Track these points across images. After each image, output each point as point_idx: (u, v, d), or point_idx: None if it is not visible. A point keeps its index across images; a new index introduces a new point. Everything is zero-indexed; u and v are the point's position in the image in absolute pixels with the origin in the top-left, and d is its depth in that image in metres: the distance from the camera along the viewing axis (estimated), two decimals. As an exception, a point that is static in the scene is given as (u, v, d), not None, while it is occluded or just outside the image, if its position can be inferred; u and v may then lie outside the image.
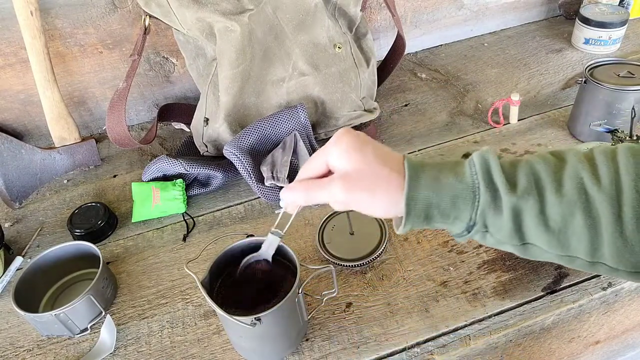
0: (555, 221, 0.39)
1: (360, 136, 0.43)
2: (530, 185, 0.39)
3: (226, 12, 0.73)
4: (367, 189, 0.41)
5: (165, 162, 0.78)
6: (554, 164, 0.41)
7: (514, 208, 0.39)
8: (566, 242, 0.40)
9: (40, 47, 0.81)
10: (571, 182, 0.39)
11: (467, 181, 0.40)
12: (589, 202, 0.38)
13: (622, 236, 0.37)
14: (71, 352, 0.62)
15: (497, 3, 1.17)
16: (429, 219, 0.42)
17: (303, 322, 0.57)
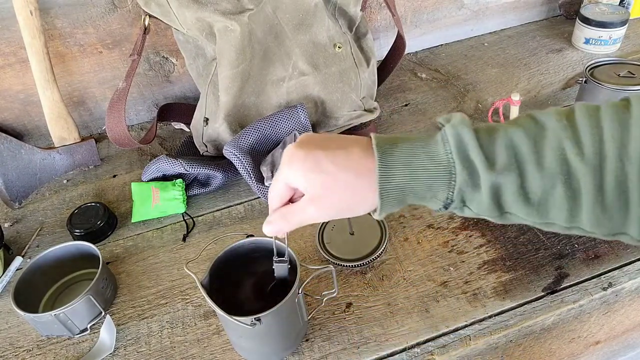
0: (535, 194, 0.38)
1: (309, 151, 0.41)
2: (510, 160, 0.38)
3: (226, 11, 0.73)
4: (340, 200, 0.41)
5: (165, 162, 0.78)
6: (534, 132, 0.38)
7: (493, 185, 0.38)
8: (545, 212, 0.39)
9: (39, 46, 0.81)
10: (552, 153, 0.37)
11: (441, 161, 0.39)
12: (570, 173, 0.37)
13: (602, 205, 0.37)
14: (71, 353, 0.62)
15: (497, 3, 1.17)
16: (404, 203, 0.41)
17: (303, 322, 0.57)
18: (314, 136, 0.43)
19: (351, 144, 0.41)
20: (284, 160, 0.41)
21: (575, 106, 0.39)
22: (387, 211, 0.41)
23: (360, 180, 0.40)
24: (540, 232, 0.69)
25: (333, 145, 0.41)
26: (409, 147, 0.39)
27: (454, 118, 0.40)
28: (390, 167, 0.39)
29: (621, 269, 0.63)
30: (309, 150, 0.41)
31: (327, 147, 0.41)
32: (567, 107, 0.40)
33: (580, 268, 0.63)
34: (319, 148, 0.41)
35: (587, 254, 0.65)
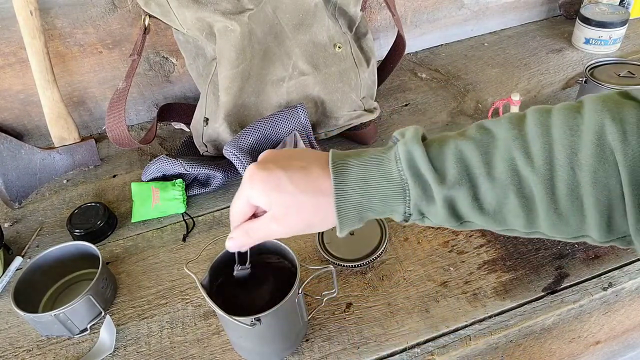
0: (489, 204, 0.39)
1: (271, 171, 0.41)
2: (461, 173, 0.38)
3: (226, 11, 0.73)
4: (302, 219, 0.42)
5: (165, 162, 0.78)
6: (484, 143, 0.39)
7: (446, 198, 0.39)
8: (502, 220, 0.39)
9: (39, 46, 0.81)
10: (503, 164, 0.38)
11: (394, 178, 0.39)
12: (522, 183, 0.37)
13: (557, 212, 0.37)
14: (71, 353, 0.62)
15: (498, 3, 1.17)
16: (364, 219, 0.42)
17: (303, 322, 0.57)
18: (277, 154, 0.44)
19: (311, 163, 0.42)
20: (246, 178, 0.42)
21: (528, 112, 0.40)
22: (348, 228, 0.42)
23: (319, 199, 0.41)
24: (541, 232, 0.68)
25: (295, 164, 0.42)
26: (364, 165, 0.40)
27: (407, 133, 0.41)
28: (346, 186, 0.40)
29: (621, 269, 0.63)
30: (270, 171, 0.41)
31: (288, 167, 0.42)
32: (521, 112, 0.40)
33: (581, 268, 0.63)
34: (280, 168, 0.41)
35: (587, 254, 0.65)
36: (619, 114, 0.35)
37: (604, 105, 0.36)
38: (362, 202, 0.40)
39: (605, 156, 0.35)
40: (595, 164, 0.35)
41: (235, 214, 0.44)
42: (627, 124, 0.34)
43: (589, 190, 0.35)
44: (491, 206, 0.39)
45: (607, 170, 0.35)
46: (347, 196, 0.40)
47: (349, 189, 0.40)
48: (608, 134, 0.35)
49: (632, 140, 0.34)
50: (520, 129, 0.38)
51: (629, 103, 0.36)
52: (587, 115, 0.36)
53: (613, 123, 0.34)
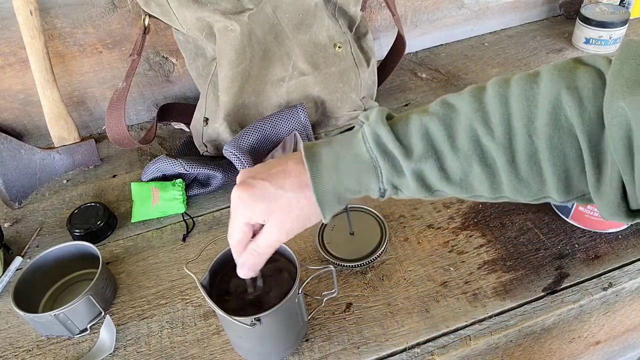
0: (455, 174, 0.41)
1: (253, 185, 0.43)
2: (426, 148, 0.41)
3: (226, 11, 0.73)
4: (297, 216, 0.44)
5: (165, 162, 0.78)
6: (447, 117, 0.41)
7: (414, 171, 0.41)
8: (470, 188, 0.42)
9: (39, 46, 0.81)
10: (465, 135, 0.40)
11: (365, 159, 0.42)
12: (484, 152, 0.40)
13: (518, 177, 0.40)
14: (71, 353, 0.62)
15: (498, 3, 1.17)
16: (343, 201, 0.44)
17: (303, 322, 0.57)
18: (253, 170, 0.45)
19: (288, 163, 0.45)
20: (235, 204, 0.44)
21: (488, 84, 0.42)
22: (330, 212, 0.44)
23: (305, 193, 0.43)
24: (541, 232, 0.68)
25: (273, 170, 0.44)
26: (334, 150, 0.43)
27: (371, 116, 0.43)
28: (321, 172, 0.42)
29: (621, 269, 0.63)
30: (253, 186, 0.43)
31: (268, 175, 0.44)
32: (482, 84, 0.42)
33: (581, 268, 0.63)
34: (261, 179, 0.44)
35: (587, 254, 0.65)
36: (574, 82, 0.37)
37: (560, 74, 0.38)
38: (338, 185, 0.43)
39: (560, 124, 0.37)
40: (551, 131, 0.37)
41: (237, 242, 0.46)
42: (582, 90, 0.37)
43: (546, 156, 0.38)
44: (457, 176, 0.41)
45: (562, 137, 0.37)
46: (324, 182, 0.42)
47: (324, 174, 0.42)
48: (564, 102, 0.37)
49: (588, 106, 0.36)
50: (481, 101, 0.41)
51: (583, 69, 0.38)
52: (544, 84, 0.38)
53: (568, 92, 0.37)
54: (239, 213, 0.44)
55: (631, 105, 0.33)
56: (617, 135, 0.34)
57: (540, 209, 0.72)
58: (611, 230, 0.67)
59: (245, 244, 0.46)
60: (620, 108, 0.34)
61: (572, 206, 0.67)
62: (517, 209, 0.72)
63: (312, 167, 0.42)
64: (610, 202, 0.37)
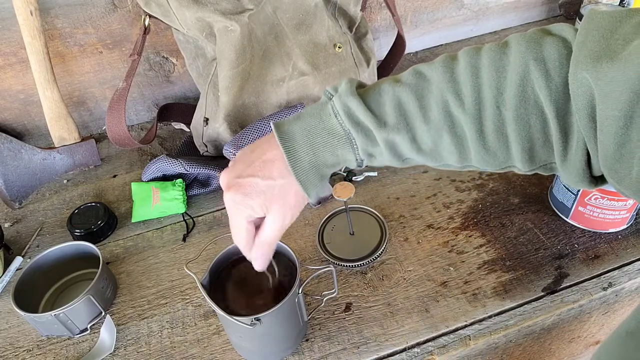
0: (426, 144, 0.42)
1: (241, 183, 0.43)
2: (399, 119, 0.41)
3: (226, 11, 0.73)
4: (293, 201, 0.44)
5: (165, 162, 0.78)
6: (420, 88, 0.42)
7: (387, 141, 0.42)
8: (439, 157, 0.43)
9: (39, 47, 0.81)
10: (437, 106, 0.41)
11: (338, 132, 0.42)
12: (454, 123, 0.41)
13: (485, 147, 0.41)
14: (71, 353, 0.62)
15: (498, 3, 1.17)
16: (324, 176, 0.44)
17: (303, 322, 0.57)
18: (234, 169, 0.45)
19: (265, 150, 0.44)
20: (230, 206, 0.45)
21: (460, 54, 0.43)
22: (313, 189, 0.44)
23: (284, 179, 0.43)
24: (541, 232, 0.69)
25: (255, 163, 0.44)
26: (307, 127, 0.43)
27: (340, 87, 0.43)
28: (297, 153, 0.42)
29: (621, 269, 0.63)
30: (241, 185, 0.43)
31: (251, 167, 0.44)
32: (454, 54, 0.43)
33: (580, 268, 0.63)
34: (248, 175, 0.43)
35: (587, 254, 0.65)
36: (541, 53, 0.38)
37: (528, 45, 0.38)
38: (315, 160, 0.43)
39: (527, 95, 0.38)
40: (518, 102, 0.38)
41: (245, 243, 0.46)
42: (548, 61, 0.37)
43: (513, 127, 0.39)
44: (428, 146, 0.42)
45: (528, 108, 0.38)
46: (300, 159, 0.42)
47: (300, 153, 0.42)
48: (532, 73, 0.38)
49: (555, 76, 0.37)
50: (452, 71, 0.41)
51: (550, 39, 0.38)
52: (513, 56, 0.39)
53: (536, 63, 0.37)
54: (239, 215, 0.45)
55: (594, 77, 0.33)
56: (581, 105, 0.35)
57: (540, 209, 0.72)
58: (611, 230, 0.67)
59: (251, 241, 0.46)
60: (584, 79, 0.34)
61: (571, 206, 0.67)
62: (517, 209, 0.72)
63: (287, 148, 0.42)
64: (576, 169, 0.39)
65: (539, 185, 0.75)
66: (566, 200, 0.68)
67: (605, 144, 0.35)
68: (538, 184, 0.76)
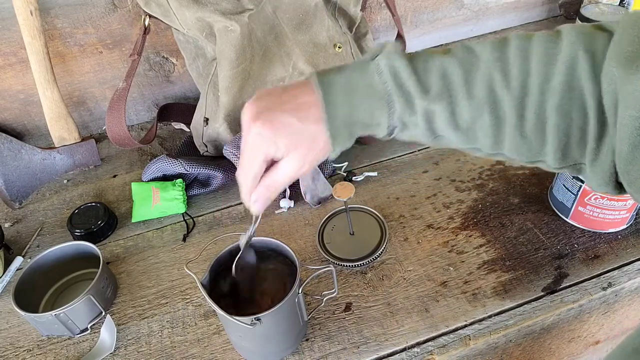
0: (464, 121, 0.41)
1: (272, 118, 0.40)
2: (442, 89, 0.40)
3: (226, 12, 0.73)
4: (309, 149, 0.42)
5: (165, 162, 0.78)
6: (468, 62, 0.40)
7: (426, 110, 0.40)
8: (473, 138, 0.42)
9: (39, 47, 0.81)
10: (482, 84, 0.40)
11: (379, 91, 0.40)
12: (496, 103, 0.40)
13: (522, 135, 0.40)
14: (71, 352, 0.62)
15: (498, 3, 1.17)
16: (353, 135, 0.42)
17: (303, 322, 0.57)
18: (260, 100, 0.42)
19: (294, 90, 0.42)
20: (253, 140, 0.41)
21: (511, 37, 0.41)
22: (340, 145, 0.42)
23: (317, 125, 0.41)
24: (540, 232, 0.69)
25: (289, 101, 0.41)
26: (349, 80, 0.41)
27: (387, 47, 0.42)
28: (334, 103, 0.40)
29: (621, 269, 0.63)
30: (273, 120, 0.40)
31: (286, 106, 0.41)
32: (504, 37, 0.42)
33: (580, 268, 0.64)
34: (280, 110, 0.41)
35: (587, 253, 0.65)
36: (591, 45, 0.37)
37: (578, 36, 0.38)
38: (350, 115, 0.41)
39: (572, 86, 0.37)
40: (563, 93, 0.38)
41: (253, 178, 0.43)
42: (597, 54, 0.37)
43: (553, 117, 0.38)
44: (465, 123, 0.41)
45: (572, 100, 0.38)
46: (336, 111, 0.41)
47: (337, 104, 0.41)
48: (579, 64, 0.37)
49: (600, 70, 0.36)
50: (503, 52, 0.40)
51: (600, 33, 0.38)
52: (564, 45, 0.38)
53: (585, 54, 0.37)
54: (260, 150, 0.41)
55: (621, 74, 0.34)
56: (609, 101, 0.35)
57: (540, 209, 0.72)
58: (610, 230, 0.67)
59: (257, 180, 0.43)
60: (613, 75, 0.34)
61: (571, 206, 0.67)
62: (517, 209, 0.72)
63: (326, 96, 0.40)
64: (604, 172, 0.38)
65: (539, 185, 0.75)
66: (566, 200, 0.68)
67: (620, 144, 0.34)
68: (538, 184, 0.76)
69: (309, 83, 0.42)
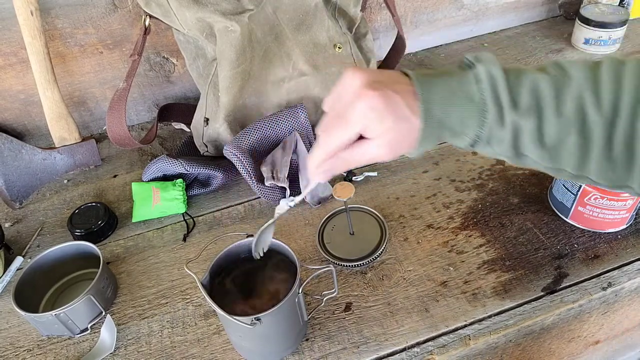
0: (551, 138, 0.40)
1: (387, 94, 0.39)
2: (532, 103, 0.40)
3: (226, 12, 0.73)
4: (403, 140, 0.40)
5: (166, 162, 0.78)
6: (559, 80, 0.40)
7: (514, 124, 0.40)
8: (557, 157, 0.41)
9: (40, 47, 0.81)
10: (572, 102, 0.39)
11: (476, 100, 0.40)
12: (585, 123, 0.39)
13: (609, 158, 0.39)
14: (71, 352, 0.62)
15: (497, 3, 1.17)
16: (438, 140, 0.42)
17: (303, 322, 0.57)
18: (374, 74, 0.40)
19: (397, 77, 0.41)
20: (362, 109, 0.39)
21: (604, 60, 0.41)
22: (424, 147, 0.42)
23: (416, 119, 0.40)
24: (540, 232, 0.69)
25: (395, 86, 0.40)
26: (447, 85, 0.40)
27: (483, 57, 0.41)
28: (431, 102, 0.40)
29: (621, 269, 0.63)
30: (389, 97, 0.39)
31: (393, 84, 0.40)
32: (597, 59, 0.41)
33: (580, 268, 0.64)
34: (393, 91, 0.39)
35: (587, 253, 0.65)
36: None
37: None
38: (442, 120, 0.40)
39: None
40: None
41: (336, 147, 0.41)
42: None
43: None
44: (551, 141, 0.40)
45: None
46: (432, 111, 0.40)
47: (434, 104, 0.40)
48: None
49: None
50: (595, 72, 0.40)
51: None
52: None
53: None
54: (362, 120, 0.39)
55: None
56: None
57: (540, 209, 0.72)
58: (610, 230, 0.67)
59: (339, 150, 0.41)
60: None
61: (571, 206, 0.67)
62: (517, 209, 0.72)
63: (424, 95, 0.40)
64: None
65: (539, 185, 0.75)
66: (566, 200, 0.68)
67: None
68: (538, 184, 0.76)
69: (405, 77, 0.41)
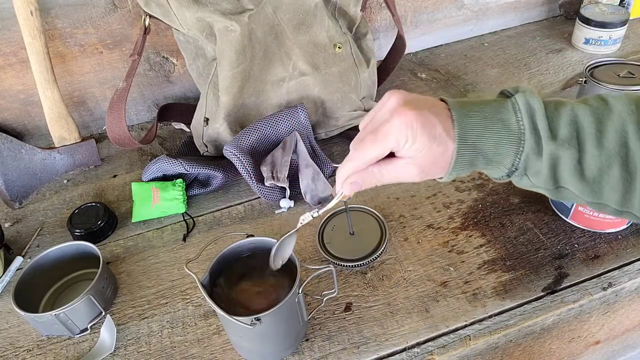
0: (591, 171, 0.39)
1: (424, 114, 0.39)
2: (571, 134, 0.39)
3: (226, 12, 0.73)
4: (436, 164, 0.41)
5: (165, 162, 0.78)
6: (600, 112, 0.39)
7: (552, 155, 0.39)
8: (599, 192, 0.40)
9: (40, 47, 0.81)
10: (614, 134, 0.38)
11: (512, 128, 0.40)
12: (628, 157, 0.38)
13: None
14: (71, 352, 0.62)
15: (498, 3, 1.17)
16: (471, 167, 0.41)
17: (303, 322, 0.57)
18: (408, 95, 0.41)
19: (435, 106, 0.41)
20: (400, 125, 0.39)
21: None
22: (456, 173, 0.41)
23: (450, 142, 0.40)
24: (541, 232, 0.69)
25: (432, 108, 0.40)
26: (483, 113, 0.40)
27: (521, 88, 0.41)
28: (467, 130, 0.40)
29: (621, 269, 0.63)
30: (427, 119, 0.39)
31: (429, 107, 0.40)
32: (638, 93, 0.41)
33: (580, 268, 0.63)
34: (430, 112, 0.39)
35: (587, 253, 0.65)
36: None
37: None
38: (476, 146, 0.40)
39: None
40: None
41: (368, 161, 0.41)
42: None
43: None
44: (592, 174, 0.39)
45: None
46: (467, 137, 0.40)
47: (469, 131, 0.40)
48: None
49: None
50: (638, 105, 0.39)
51: None
52: None
53: None
54: (396, 137, 0.39)
55: None
56: None
57: (540, 209, 0.72)
58: (611, 230, 0.67)
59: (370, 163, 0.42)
60: None
61: (571, 206, 0.67)
62: (517, 209, 0.72)
63: (460, 119, 0.40)
64: None
65: (539, 185, 0.75)
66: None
67: None
68: (538, 184, 0.76)
69: (441, 102, 0.41)
